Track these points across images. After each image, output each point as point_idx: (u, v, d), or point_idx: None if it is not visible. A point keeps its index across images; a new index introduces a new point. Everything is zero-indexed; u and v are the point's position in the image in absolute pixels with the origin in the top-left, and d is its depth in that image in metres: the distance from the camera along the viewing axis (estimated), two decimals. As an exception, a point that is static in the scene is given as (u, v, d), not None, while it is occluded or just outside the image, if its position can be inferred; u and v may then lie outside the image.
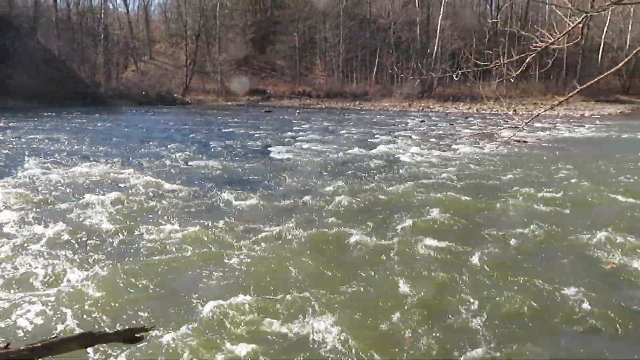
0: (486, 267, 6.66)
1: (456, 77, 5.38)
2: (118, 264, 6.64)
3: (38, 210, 8.99)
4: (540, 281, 6.24)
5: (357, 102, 44.81)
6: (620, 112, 36.65)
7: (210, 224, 8.31)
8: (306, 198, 10.23)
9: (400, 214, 9.13)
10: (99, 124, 26.25)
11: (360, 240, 7.71)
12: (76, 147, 17.45)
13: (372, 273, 6.44)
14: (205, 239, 7.66)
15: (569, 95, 5.68)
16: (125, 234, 7.89)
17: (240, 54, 52.73)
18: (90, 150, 16.74)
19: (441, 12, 49.16)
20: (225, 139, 20.27)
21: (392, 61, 47.88)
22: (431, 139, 21.08)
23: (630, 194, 10.44)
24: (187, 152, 16.40)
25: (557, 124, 27.78)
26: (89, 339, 3.13)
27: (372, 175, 12.98)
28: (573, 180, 11.88)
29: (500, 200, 10.07)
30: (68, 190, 10.59)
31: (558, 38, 5.15)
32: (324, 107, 42.88)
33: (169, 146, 17.71)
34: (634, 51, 5.54)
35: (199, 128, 24.65)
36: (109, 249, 7.30)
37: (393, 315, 5.41)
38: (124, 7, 57.04)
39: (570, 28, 5.23)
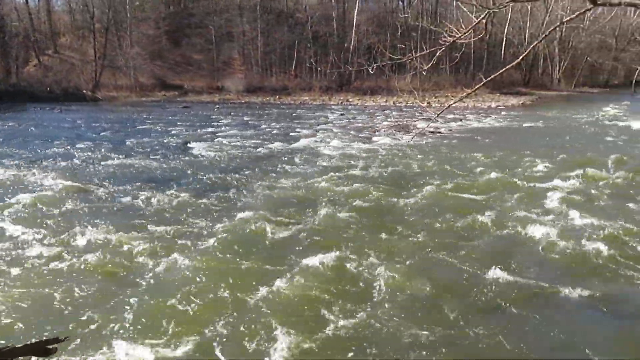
0: (404, 252, 6.94)
1: (372, 70, 5.54)
2: (28, 273, 6.20)
3: None
4: (453, 262, 6.62)
5: (278, 97, 44.67)
6: (522, 103, 39.41)
7: (126, 226, 7.96)
8: (227, 194, 10.10)
9: (321, 206, 9.26)
10: (-3, 124, 24.16)
11: (281, 234, 7.74)
12: (-28, 149, 15.96)
13: (293, 266, 6.49)
14: (121, 241, 7.33)
15: (476, 87, 6.04)
16: (33, 240, 7.37)
17: (154, 48, 50.65)
18: (-11, 151, 15.38)
19: (356, 7, 50.19)
20: (141, 137, 19.43)
21: (310, 55, 48.21)
22: (351, 132, 21.52)
23: (531, 179, 11.33)
24: (100, 151, 15.55)
25: (467, 115, 29.40)
26: (-6, 355, 2.90)
27: (293, 169, 13.04)
28: (481, 168, 12.64)
29: (417, 188, 10.52)
30: (-36, 196, 9.69)
31: (464, 33, 5.45)
32: (244, 102, 42.30)
33: (79, 145, 16.68)
34: (531, 46, 5.96)
35: (111, 126, 23.42)
36: (16, 256, 6.79)
37: (317, 306, 5.49)
38: (22, -3, 52.69)
39: (475, 23, 5.55)
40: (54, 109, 31.38)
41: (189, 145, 17.30)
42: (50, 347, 3.08)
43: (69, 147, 16.37)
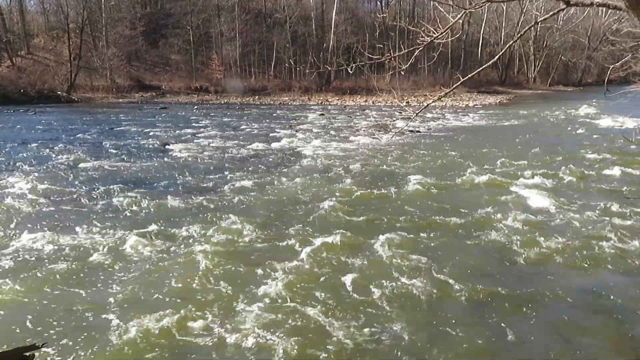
0: (385, 250, 6.99)
1: (350, 70, 5.55)
2: (8, 277, 6.06)
3: None
4: (435, 261, 6.69)
5: (257, 97, 44.46)
6: (499, 102, 40.00)
7: (101, 229, 7.84)
8: (207, 196, 10.03)
9: (303, 206, 9.27)
10: (-31, 127, 23.52)
11: (262, 235, 7.72)
12: (-58, 152, 15.52)
13: (275, 267, 6.48)
14: (96, 245, 7.22)
15: (453, 86, 6.10)
16: (6, 245, 7.21)
17: (131, 48, 49.94)
18: (-40, 155, 14.98)
19: (334, 7, 50.27)
20: (118, 139, 19.15)
21: (289, 55, 48.11)
22: (331, 132, 21.56)
23: (509, 176, 11.51)
24: (75, 154, 15.25)
25: (445, 114, 29.72)
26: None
27: (274, 169, 13.01)
28: (460, 166, 12.81)
29: (397, 186, 10.60)
30: None
31: (441, 33, 5.51)
32: (223, 102, 42.02)
33: (54, 148, 16.35)
34: (506, 46, 6.05)
35: (88, 127, 23.03)
36: (-11, 263, 6.63)
37: (303, 306, 5.50)
38: (-7, -3, 51.47)
39: (452, 23, 5.62)
40: (28, 111, 30.72)
41: (167, 146, 17.11)
42: (28, 354, 3.02)
43: (43, 150, 16.05)
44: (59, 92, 40.42)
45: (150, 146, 17.34)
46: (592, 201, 9.35)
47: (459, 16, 5.46)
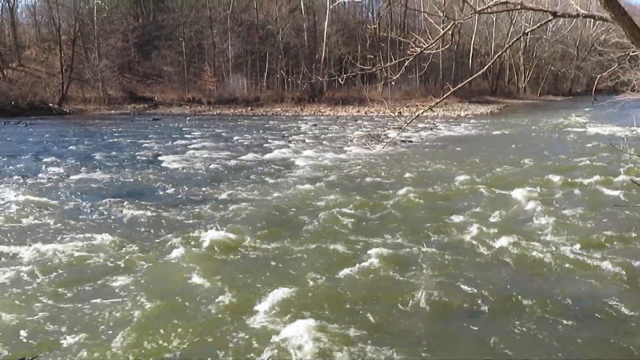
0: (378, 259, 7.00)
1: (342, 80, 5.60)
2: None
3: None
4: (428, 267, 6.71)
5: (250, 108, 44.53)
6: (490, 112, 40.34)
7: (92, 241, 7.80)
8: (200, 207, 10.01)
9: (296, 216, 9.28)
10: (-41, 139, 23.33)
11: (255, 246, 7.71)
12: None
13: (273, 278, 6.47)
14: (88, 258, 7.17)
15: (444, 96, 6.18)
16: (2, 256, 7.15)
17: (123, 60, 49.96)
18: (-50, 168, 14.85)
19: (326, 19, 50.66)
20: (111, 150, 19.09)
21: (282, 66, 48.30)
22: (324, 142, 21.62)
23: (500, 185, 11.59)
24: (67, 165, 15.19)
25: (437, 124, 29.91)
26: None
27: (267, 180, 13.01)
28: (452, 175, 12.88)
29: (389, 196, 10.64)
30: None
31: (432, 43, 5.58)
32: (215, 114, 42.05)
33: (45, 160, 16.25)
34: (496, 56, 6.13)
35: (79, 139, 22.94)
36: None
37: (301, 313, 5.48)
38: (-16, 9, 51.40)
39: (442, 34, 5.69)
40: (19, 123, 30.55)
41: (159, 158, 17.07)
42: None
43: (34, 162, 15.95)
44: (51, 104, 40.27)
45: (143, 158, 17.29)
46: (582, 209, 9.43)
47: (448, 27, 5.54)
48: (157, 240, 7.92)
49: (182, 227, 8.64)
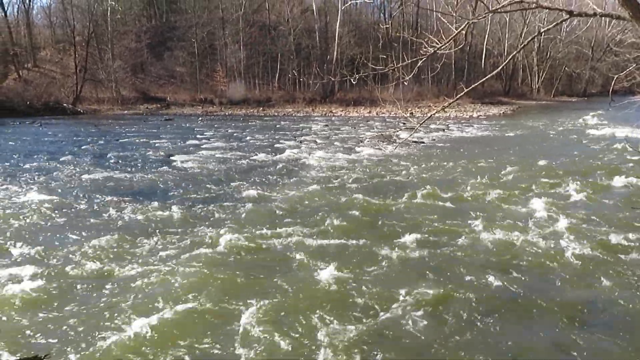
0: (394, 260, 6.95)
1: (354, 81, 5.57)
2: (7, 289, 6.06)
3: None
4: (446, 270, 6.64)
5: (261, 108, 44.64)
6: (503, 113, 39.98)
7: (107, 240, 7.84)
8: (212, 207, 10.03)
9: (308, 217, 9.25)
10: (-25, 138, 23.68)
11: (267, 246, 7.70)
12: (-52, 164, 15.62)
13: (280, 278, 6.46)
14: (102, 256, 7.22)
15: (457, 97, 6.11)
16: (13, 256, 7.22)
17: (136, 61, 50.39)
18: (-34, 167, 15.07)
19: (338, 20, 50.62)
20: (124, 150, 19.24)
21: (293, 67, 48.36)
22: (335, 143, 21.58)
23: (514, 187, 11.46)
24: (81, 165, 15.34)
25: (449, 125, 29.73)
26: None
27: (279, 180, 13.02)
28: (464, 177, 12.77)
29: (402, 197, 10.57)
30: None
31: (445, 44, 5.52)
32: (227, 114, 42.20)
33: (60, 159, 16.43)
34: (509, 56, 6.05)
35: (93, 139, 23.16)
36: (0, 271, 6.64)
37: (314, 314, 5.46)
38: (1, 11, 52.09)
39: (455, 34, 5.63)
40: (34, 123, 30.94)
41: (171, 158, 17.16)
42: (30, 365, 3.00)
43: (49, 161, 16.13)
44: (65, 104, 40.74)
45: (155, 158, 17.40)
46: (598, 212, 9.29)
47: (461, 27, 5.48)
48: (168, 239, 7.94)
49: (193, 226, 8.66)
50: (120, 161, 16.44)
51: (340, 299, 5.89)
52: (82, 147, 20.04)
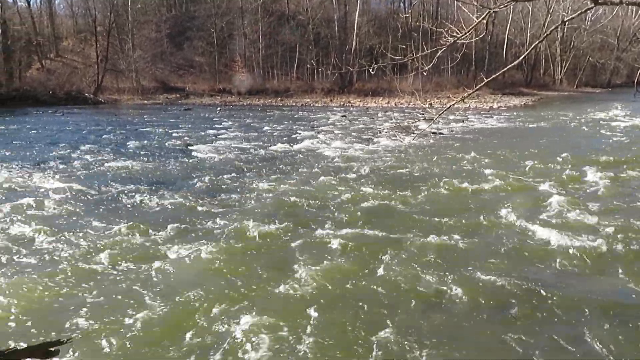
0: (413, 254, 6.93)
1: (373, 71, 5.54)
2: (30, 275, 6.21)
3: None
4: (465, 264, 6.60)
5: (279, 99, 44.68)
6: (524, 104, 39.31)
7: (128, 228, 7.97)
8: (230, 196, 10.10)
9: (325, 207, 9.26)
10: (1, 127, 24.20)
11: (285, 237, 7.73)
12: (-26, 152, 16.01)
13: (297, 269, 6.49)
14: (123, 244, 7.34)
15: (477, 87, 6.03)
16: (35, 243, 7.39)
17: (156, 51, 50.78)
18: (-8, 155, 15.43)
19: (357, 9, 50.22)
20: (143, 139, 19.46)
21: (312, 57, 48.20)
22: (353, 133, 21.51)
23: (535, 180, 11.30)
24: (102, 154, 15.58)
25: (468, 116, 29.36)
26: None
27: (296, 170, 13.04)
28: (484, 169, 12.62)
29: (420, 189, 10.50)
30: (-33, 199, 9.72)
31: (465, 33, 5.45)
32: (245, 104, 42.34)
33: (81, 148, 16.72)
34: (532, 46, 5.94)
35: (114, 128, 23.48)
36: (18, 259, 6.81)
37: (326, 308, 5.49)
38: (24, 1, 52.91)
39: (475, 23, 5.55)
40: (56, 112, 31.48)
41: (190, 147, 17.32)
42: (53, 349, 3.07)
43: (71, 150, 16.41)
44: (86, 94, 41.34)
45: (174, 147, 17.58)
46: (621, 204, 9.11)
47: (482, 16, 5.40)
48: (185, 228, 8.03)
49: (210, 216, 8.74)
50: (140, 150, 16.64)
51: (355, 292, 5.90)
52: (103, 137, 20.34)
